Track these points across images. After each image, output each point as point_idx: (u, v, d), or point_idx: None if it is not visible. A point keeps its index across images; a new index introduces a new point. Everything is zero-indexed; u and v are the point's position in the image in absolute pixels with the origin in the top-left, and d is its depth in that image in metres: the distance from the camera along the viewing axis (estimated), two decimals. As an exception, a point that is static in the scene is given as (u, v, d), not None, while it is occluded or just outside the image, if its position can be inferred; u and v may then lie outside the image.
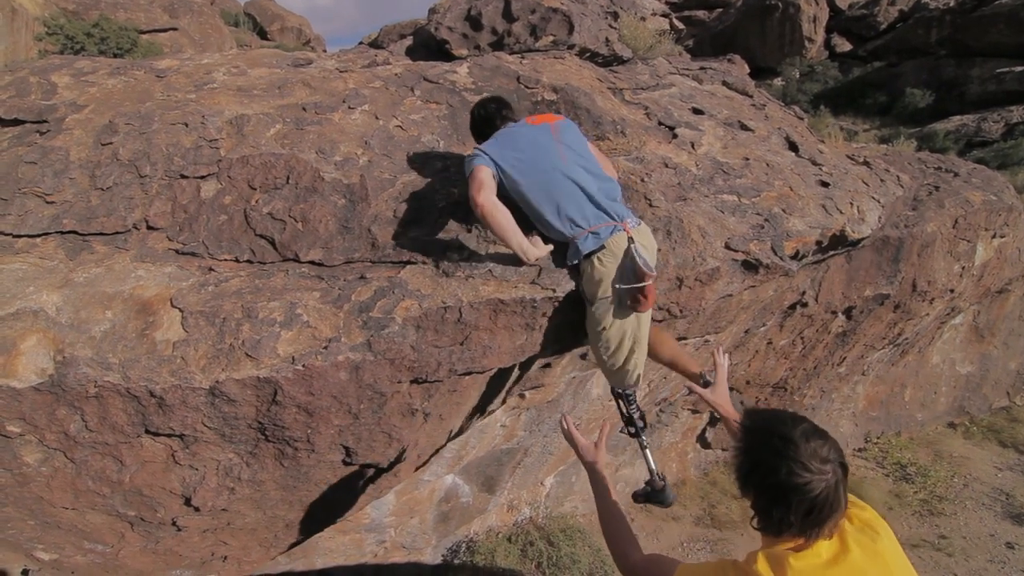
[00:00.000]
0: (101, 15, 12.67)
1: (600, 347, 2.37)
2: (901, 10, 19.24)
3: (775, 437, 1.29)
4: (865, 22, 19.74)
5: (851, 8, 20.37)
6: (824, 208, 3.20)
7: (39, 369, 2.12)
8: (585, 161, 2.41)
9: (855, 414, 5.96)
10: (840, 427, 5.99)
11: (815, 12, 19.78)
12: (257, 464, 2.36)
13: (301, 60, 3.55)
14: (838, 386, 5.58)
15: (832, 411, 5.89)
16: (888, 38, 19.06)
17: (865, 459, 5.75)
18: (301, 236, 2.49)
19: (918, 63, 17.61)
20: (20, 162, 2.62)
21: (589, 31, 3.96)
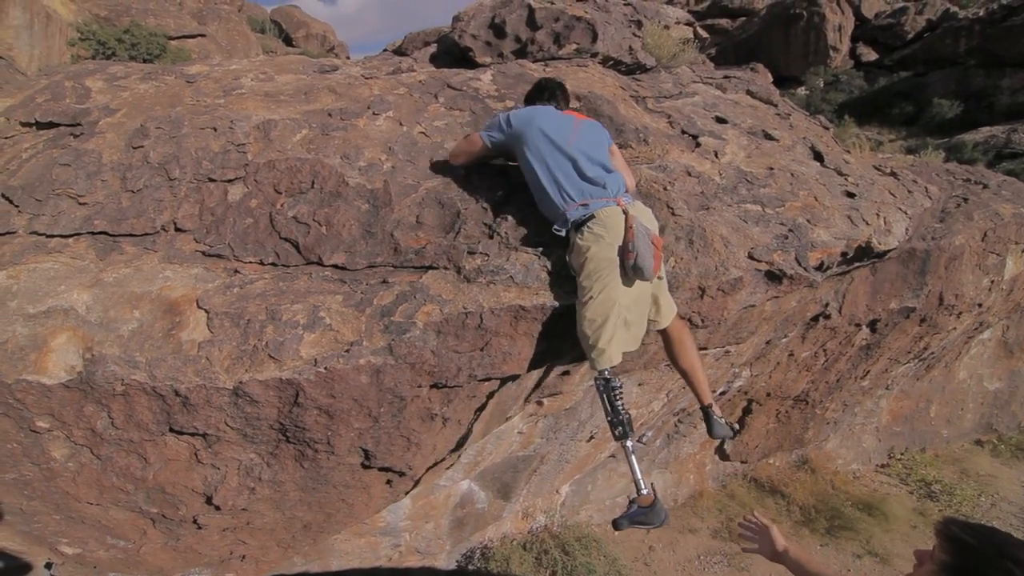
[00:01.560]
0: (132, 21, 12.99)
1: (585, 322, 2.27)
2: (929, 20, 19.00)
3: (1007, 560, 1.12)
4: (892, 31, 19.51)
5: (878, 17, 20.15)
6: (850, 219, 3.15)
7: (68, 366, 2.16)
8: (592, 150, 2.51)
9: (878, 429, 5.84)
10: (863, 441, 5.89)
11: (841, 21, 19.60)
12: (278, 465, 2.38)
13: (327, 66, 3.60)
14: (861, 400, 5.49)
15: (855, 425, 5.78)
16: (915, 47, 18.82)
17: (888, 475, 5.64)
18: (325, 240, 2.51)
19: (946, 73, 17.36)
20: (55, 164, 2.69)
21: (613, 39, 3.96)
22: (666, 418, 4.45)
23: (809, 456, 5.55)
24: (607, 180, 2.43)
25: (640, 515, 2.21)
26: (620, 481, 4.71)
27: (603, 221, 2.29)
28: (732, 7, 24.27)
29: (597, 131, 2.67)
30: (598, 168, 2.47)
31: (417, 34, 4.59)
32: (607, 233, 2.27)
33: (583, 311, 2.27)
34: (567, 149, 2.46)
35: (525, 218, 2.60)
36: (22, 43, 12.24)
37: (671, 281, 2.61)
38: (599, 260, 2.25)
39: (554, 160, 2.45)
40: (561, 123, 2.56)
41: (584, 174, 2.43)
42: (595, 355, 2.28)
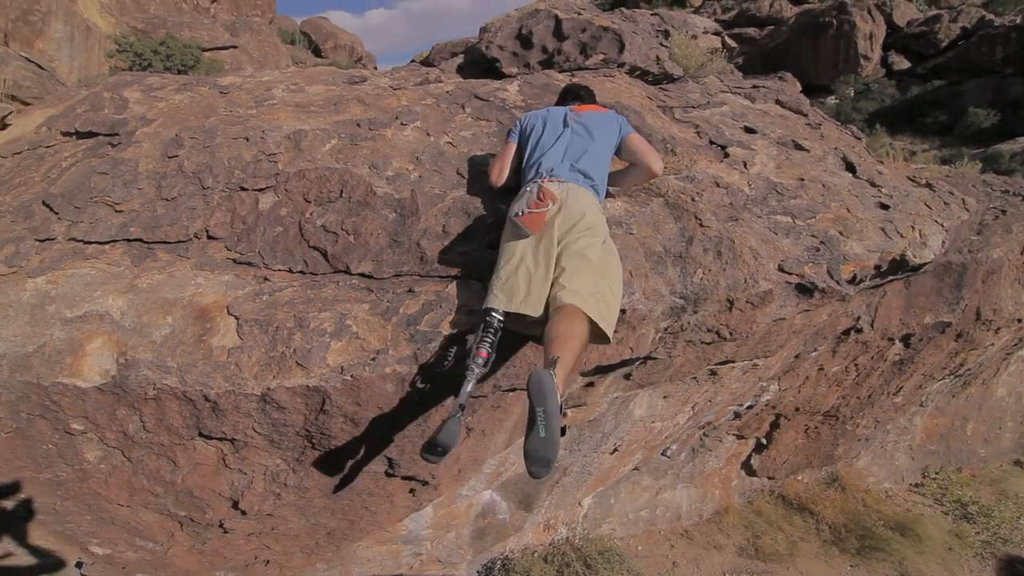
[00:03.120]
0: (167, 33, 13.35)
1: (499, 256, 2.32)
2: (964, 27, 18.58)
3: None
4: (925, 39, 19.12)
5: (910, 25, 19.77)
6: (883, 231, 3.08)
7: (103, 370, 2.21)
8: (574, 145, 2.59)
9: (912, 447, 5.67)
10: (896, 460, 5.72)
11: (871, 29, 19.28)
12: (303, 471, 2.39)
13: (356, 78, 3.65)
14: (894, 416, 5.34)
15: (887, 443, 5.63)
16: (950, 56, 18.41)
17: (922, 495, 5.46)
18: (352, 249, 2.54)
19: (982, 81, 16.94)
20: (93, 172, 2.77)
21: (640, 49, 3.95)
22: (691, 431, 4.38)
23: (839, 473, 5.41)
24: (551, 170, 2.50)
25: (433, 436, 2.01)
26: (644, 495, 4.64)
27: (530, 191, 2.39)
28: (760, 16, 24.04)
29: (596, 124, 2.67)
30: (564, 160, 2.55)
31: (444, 45, 4.63)
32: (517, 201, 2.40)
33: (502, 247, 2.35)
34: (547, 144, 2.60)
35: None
36: (63, 55, 12.69)
37: (697, 293, 2.57)
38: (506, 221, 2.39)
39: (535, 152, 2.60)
40: (559, 119, 2.70)
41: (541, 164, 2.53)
42: (492, 293, 2.22)
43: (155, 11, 16.34)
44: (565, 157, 2.55)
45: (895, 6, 19.97)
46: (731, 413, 4.41)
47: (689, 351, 2.86)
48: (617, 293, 2.23)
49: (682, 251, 2.66)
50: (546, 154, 2.56)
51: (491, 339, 2.12)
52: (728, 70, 4.68)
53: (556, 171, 2.48)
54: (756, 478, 5.18)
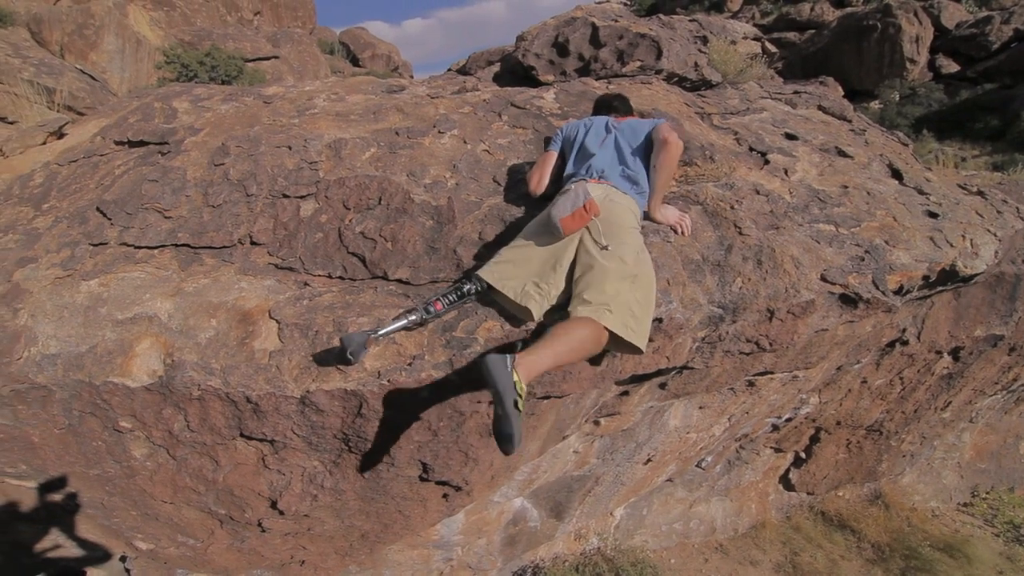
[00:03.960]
0: (213, 45, 13.82)
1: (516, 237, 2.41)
2: (1016, 29, 17.86)
3: None
4: (975, 42, 18.44)
5: (959, 27, 19.09)
6: (932, 240, 2.98)
7: (151, 370, 2.29)
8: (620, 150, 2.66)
9: (960, 465, 5.45)
10: (943, 477, 5.50)
11: (918, 32, 18.69)
12: (339, 473, 2.43)
13: (394, 87, 3.71)
14: (941, 433, 5.14)
15: (934, 460, 5.42)
16: (1001, 58, 17.71)
17: (972, 515, 5.24)
18: (390, 255, 2.57)
19: (1035, 85, 16.24)
20: (144, 180, 2.88)
21: (677, 56, 3.92)
22: (727, 443, 4.29)
23: (883, 490, 5.23)
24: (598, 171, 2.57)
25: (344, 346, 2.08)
26: (677, 507, 4.57)
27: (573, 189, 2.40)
28: (800, 20, 23.58)
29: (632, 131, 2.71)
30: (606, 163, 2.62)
31: (481, 54, 4.68)
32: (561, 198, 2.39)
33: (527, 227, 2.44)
34: (591, 149, 2.68)
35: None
36: (114, 66, 13.24)
37: (735, 302, 2.53)
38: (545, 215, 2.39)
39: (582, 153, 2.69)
40: (601, 126, 2.77)
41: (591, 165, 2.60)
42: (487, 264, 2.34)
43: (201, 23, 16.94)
44: (613, 161, 2.60)
45: (943, 8, 19.33)
46: (769, 425, 4.31)
47: (727, 361, 2.81)
48: (648, 304, 2.18)
49: (721, 259, 2.62)
50: (594, 157, 2.61)
51: (453, 299, 2.27)
52: (768, 76, 4.60)
53: (607, 173, 2.54)
54: (795, 493, 5.04)
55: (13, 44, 10.06)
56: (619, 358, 2.41)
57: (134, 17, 14.42)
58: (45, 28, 13.05)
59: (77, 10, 13.35)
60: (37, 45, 11.88)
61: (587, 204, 2.24)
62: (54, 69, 9.72)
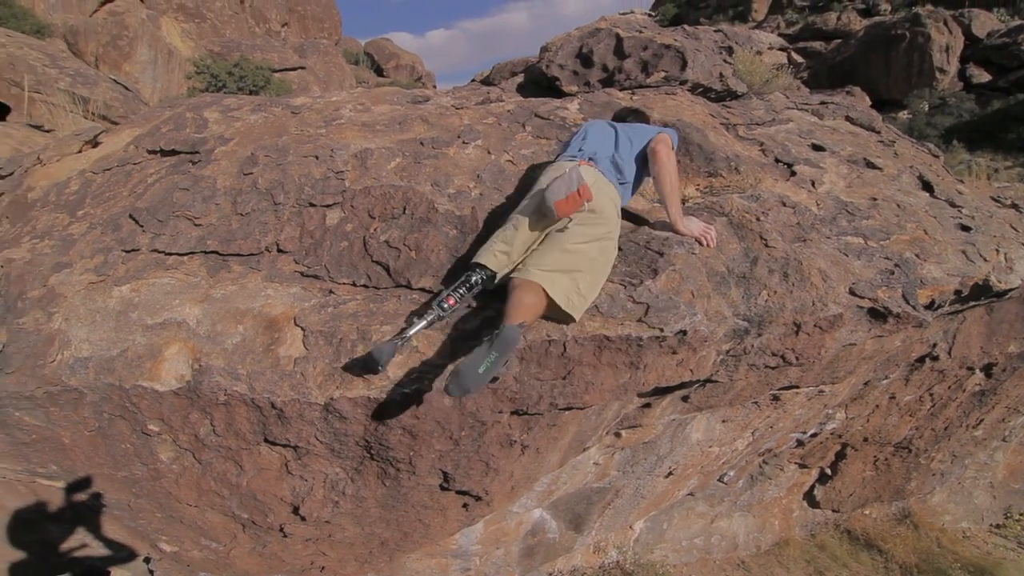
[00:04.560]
0: (241, 56, 14.13)
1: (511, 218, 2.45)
2: (1051, 38, 17.48)
3: None
4: (1007, 51, 18.08)
5: (990, 36, 18.73)
6: (964, 254, 2.91)
7: (178, 375, 2.33)
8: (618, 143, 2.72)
9: (993, 485, 5.29)
10: (975, 498, 5.34)
11: (948, 41, 18.37)
12: (361, 481, 2.44)
13: (419, 97, 3.75)
14: (973, 451, 5.00)
15: (964, 479, 5.26)
16: (1034, 68, 17.34)
17: (1005, 537, 5.07)
18: (414, 264, 2.59)
19: (1071, 95, 15.85)
20: (175, 188, 2.94)
21: (703, 67, 3.90)
22: (750, 458, 4.22)
23: (911, 509, 5.09)
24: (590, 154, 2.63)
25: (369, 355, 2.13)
26: (698, 522, 4.50)
27: (554, 165, 2.55)
28: (826, 29, 23.34)
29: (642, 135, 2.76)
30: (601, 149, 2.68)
31: (504, 64, 4.71)
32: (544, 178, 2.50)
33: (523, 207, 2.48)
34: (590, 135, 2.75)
35: (611, 247, 2.58)
36: (147, 76, 13.60)
37: (761, 316, 2.50)
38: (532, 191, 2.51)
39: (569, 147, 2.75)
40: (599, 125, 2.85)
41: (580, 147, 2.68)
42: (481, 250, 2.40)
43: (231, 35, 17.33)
44: (606, 147, 2.67)
45: (974, 17, 19.00)
46: (793, 440, 4.24)
47: (752, 375, 2.77)
48: (594, 285, 2.33)
49: (746, 272, 2.59)
50: (587, 142, 2.69)
51: (463, 292, 2.29)
52: (794, 86, 4.55)
53: (598, 156, 2.60)
54: (819, 510, 4.94)
55: (50, 55, 10.39)
56: (643, 370, 2.39)
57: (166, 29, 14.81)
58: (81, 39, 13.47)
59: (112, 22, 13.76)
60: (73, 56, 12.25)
61: (580, 189, 2.27)
62: (89, 79, 10.01)
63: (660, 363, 2.39)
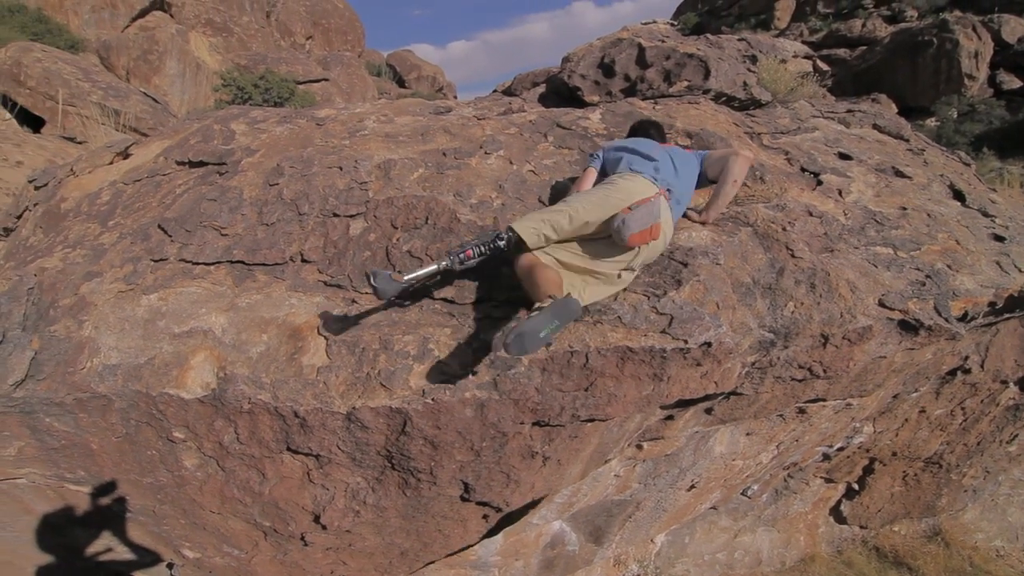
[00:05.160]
0: (267, 68, 14.40)
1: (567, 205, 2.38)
2: (1085, 43, 17.07)
3: None
4: (1038, 57, 17.68)
5: (1021, 42, 18.35)
6: (999, 265, 2.84)
7: (204, 383, 2.36)
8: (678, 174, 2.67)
9: (1029, 502, 5.12)
10: (1008, 515, 5.17)
11: (977, 47, 18.05)
12: (382, 490, 2.44)
13: (442, 108, 3.78)
14: (1007, 467, 4.84)
15: (998, 496, 5.10)
16: (1068, 74, 16.93)
17: (1042, 558, 4.89)
18: (436, 274, 2.59)
19: (1106, 101, 15.44)
20: (203, 199, 2.99)
21: (726, 75, 3.87)
22: (775, 471, 4.14)
23: (942, 526, 4.94)
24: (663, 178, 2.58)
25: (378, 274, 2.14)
26: (721, 536, 4.42)
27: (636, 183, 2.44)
28: (851, 36, 23.08)
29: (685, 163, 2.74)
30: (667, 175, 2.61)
31: (526, 75, 4.73)
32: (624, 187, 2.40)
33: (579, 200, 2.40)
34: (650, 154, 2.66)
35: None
36: (175, 89, 13.93)
37: (787, 327, 2.45)
38: (602, 191, 2.42)
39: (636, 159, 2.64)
40: (649, 144, 2.77)
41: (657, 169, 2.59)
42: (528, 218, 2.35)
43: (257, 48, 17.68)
44: (675, 183, 2.60)
45: (1003, 23, 18.64)
46: (819, 454, 4.15)
47: (777, 388, 2.72)
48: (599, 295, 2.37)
49: (772, 283, 2.55)
50: (658, 164, 2.59)
51: (483, 251, 2.29)
52: (820, 94, 4.50)
53: (671, 188, 2.55)
54: (846, 526, 4.82)
55: (83, 69, 10.69)
56: (666, 382, 2.36)
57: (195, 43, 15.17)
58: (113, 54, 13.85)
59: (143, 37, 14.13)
60: (105, 70, 12.59)
61: (654, 227, 2.25)
62: (120, 92, 10.28)
63: (684, 375, 2.36)
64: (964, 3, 21.78)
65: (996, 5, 20.19)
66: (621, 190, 2.38)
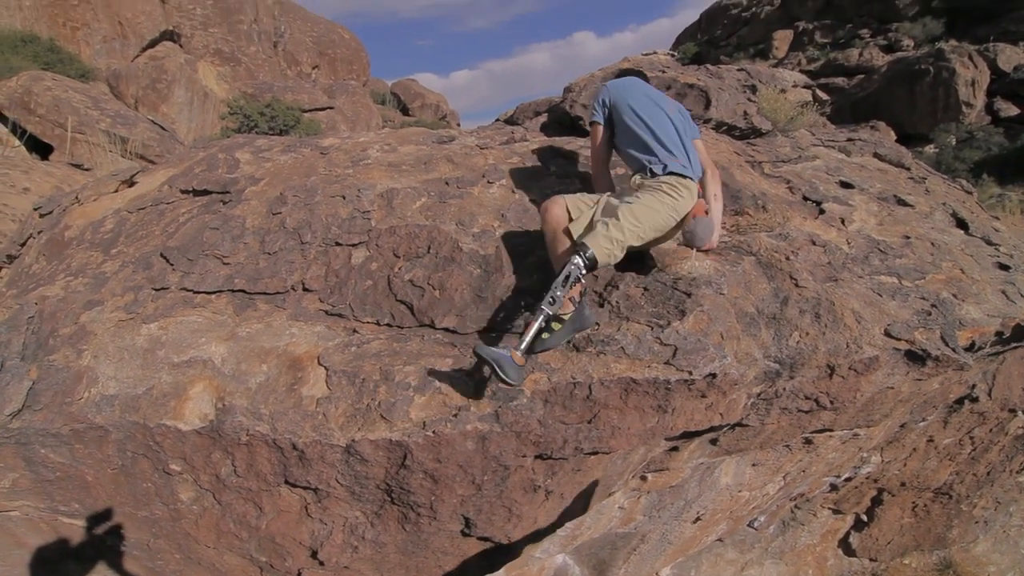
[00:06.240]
0: (273, 97, 14.62)
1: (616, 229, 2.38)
2: (1080, 71, 17.29)
3: None
4: (1035, 84, 17.89)
5: (1017, 70, 18.59)
6: (1004, 294, 2.82)
7: (202, 414, 2.33)
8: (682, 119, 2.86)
9: (1042, 535, 5.00)
10: (1021, 547, 5.05)
11: (974, 75, 18.29)
12: (381, 525, 2.39)
13: (445, 137, 3.81)
14: (1018, 498, 4.75)
15: (1010, 527, 4.99)
16: (1064, 101, 17.12)
17: (1058, 592, 4.77)
18: (438, 303, 2.58)
19: (1104, 127, 15.58)
20: (206, 228, 3.00)
21: (726, 105, 3.91)
22: (781, 502, 4.07)
23: (953, 559, 4.83)
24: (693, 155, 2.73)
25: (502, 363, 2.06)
26: (727, 569, 4.32)
27: (691, 191, 2.56)
28: (848, 65, 23.42)
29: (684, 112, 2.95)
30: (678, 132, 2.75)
31: (528, 105, 4.79)
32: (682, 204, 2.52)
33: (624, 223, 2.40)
34: (664, 106, 2.81)
35: (637, 288, 2.55)
36: (183, 117, 14.14)
37: (793, 358, 2.43)
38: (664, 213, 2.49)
39: (653, 113, 2.74)
40: (654, 90, 2.95)
41: (683, 140, 2.73)
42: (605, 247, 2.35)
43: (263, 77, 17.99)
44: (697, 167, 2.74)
45: (999, 51, 18.93)
46: (827, 485, 4.07)
47: (784, 419, 2.68)
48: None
49: (776, 312, 2.53)
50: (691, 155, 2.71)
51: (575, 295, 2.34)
52: (820, 123, 4.53)
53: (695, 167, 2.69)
54: (856, 559, 4.71)
55: (93, 97, 10.86)
56: (671, 414, 2.33)
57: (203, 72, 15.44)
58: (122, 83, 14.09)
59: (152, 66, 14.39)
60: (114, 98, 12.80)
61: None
62: (128, 120, 10.42)
63: (689, 407, 2.33)
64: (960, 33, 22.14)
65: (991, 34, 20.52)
66: (677, 209, 2.52)
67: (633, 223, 2.40)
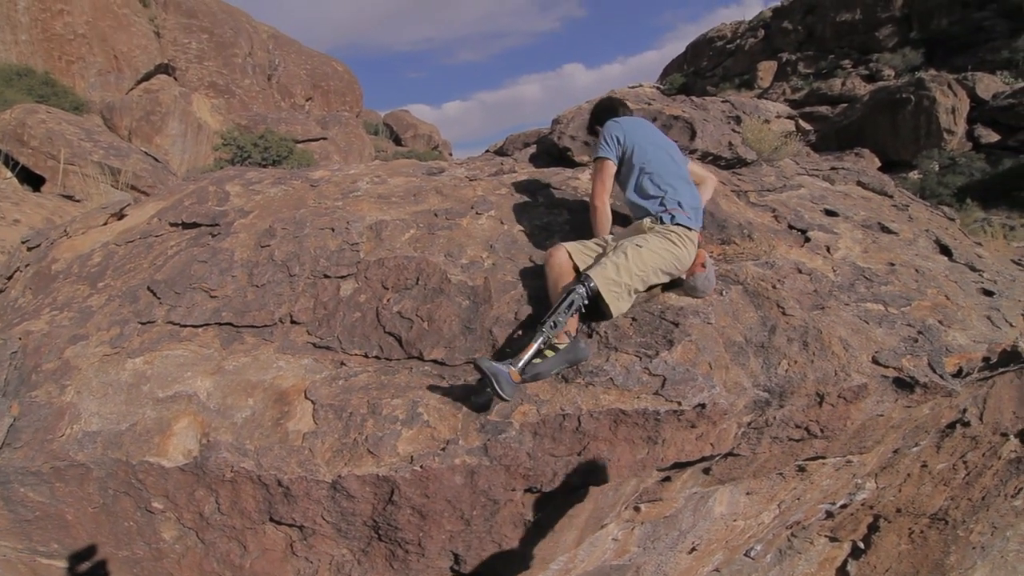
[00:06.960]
0: (267, 128, 14.75)
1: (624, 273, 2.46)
2: (1057, 98, 17.76)
3: None
4: (1014, 111, 18.36)
5: (996, 98, 19.07)
6: (990, 320, 2.84)
7: (186, 450, 2.29)
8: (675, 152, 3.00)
9: (1040, 561, 4.96)
10: (1019, 573, 5.00)
11: (954, 104, 18.75)
12: (368, 563, 2.34)
13: (434, 169, 3.85)
14: (1014, 522, 4.71)
15: (1007, 552, 4.95)
16: (1043, 127, 17.54)
17: (1058, 620, 4.70)
18: (426, 335, 2.58)
19: (1083, 153, 15.94)
20: (194, 261, 2.99)
21: (711, 136, 3.98)
22: (777, 531, 4.02)
23: (953, 588, 4.76)
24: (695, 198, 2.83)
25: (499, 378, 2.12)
26: (725, 601, 4.24)
27: (692, 241, 2.66)
28: (831, 94, 23.97)
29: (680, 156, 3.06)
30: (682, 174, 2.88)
31: (517, 136, 4.85)
32: (685, 254, 2.62)
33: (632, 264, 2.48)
34: (671, 152, 2.94)
35: (625, 318, 2.56)
36: (176, 149, 14.22)
37: (782, 386, 2.43)
38: (668, 260, 2.58)
39: (663, 158, 2.85)
40: (659, 133, 3.07)
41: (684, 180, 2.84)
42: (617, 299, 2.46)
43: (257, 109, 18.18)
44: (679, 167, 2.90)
45: (977, 80, 19.44)
46: (822, 512, 4.04)
47: (775, 447, 2.66)
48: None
49: (764, 341, 2.54)
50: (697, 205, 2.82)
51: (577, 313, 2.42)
52: (804, 152, 4.61)
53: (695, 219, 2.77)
54: (855, 589, 4.64)
55: (86, 129, 10.92)
56: (661, 445, 2.31)
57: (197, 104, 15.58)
58: (116, 115, 14.20)
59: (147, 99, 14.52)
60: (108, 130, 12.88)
61: None
62: (121, 151, 10.47)
63: (679, 437, 2.31)
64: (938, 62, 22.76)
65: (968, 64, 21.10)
66: (681, 259, 2.62)
67: (639, 265, 2.49)
